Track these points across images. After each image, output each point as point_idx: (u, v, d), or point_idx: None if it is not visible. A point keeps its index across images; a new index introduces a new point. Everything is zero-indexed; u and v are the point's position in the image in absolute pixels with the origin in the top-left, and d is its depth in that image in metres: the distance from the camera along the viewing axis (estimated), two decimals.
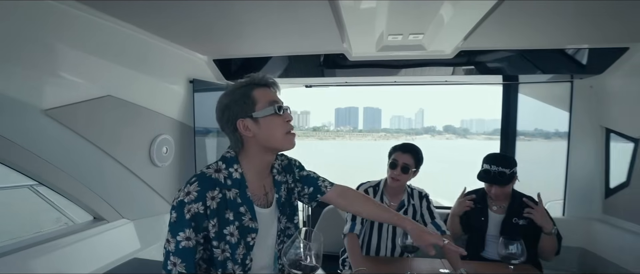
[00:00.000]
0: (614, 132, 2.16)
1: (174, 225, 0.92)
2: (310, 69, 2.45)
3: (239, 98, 0.99)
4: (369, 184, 1.93)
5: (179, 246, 0.91)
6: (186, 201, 0.91)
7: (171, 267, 0.91)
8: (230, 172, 0.99)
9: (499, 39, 1.81)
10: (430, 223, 1.83)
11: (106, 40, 1.54)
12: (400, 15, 1.61)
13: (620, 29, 1.67)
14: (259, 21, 1.60)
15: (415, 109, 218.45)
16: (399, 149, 1.82)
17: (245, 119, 0.98)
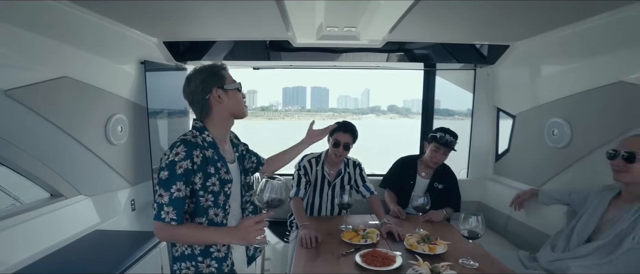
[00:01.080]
0: (501, 110, 2.76)
1: (166, 181, 1.11)
2: (257, 52, 2.63)
3: (213, 74, 1.23)
4: (312, 156, 2.22)
5: (172, 197, 1.10)
6: (177, 160, 1.11)
7: (164, 215, 1.10)
8: (204, 137, 1.23)
9: (417, 33, 2.20)
10: (362, 185, 2.21)
11: (62, 23, 1.60)
12: (336, 11, 1.90)
13: (504, 31, 2.15)
14: (207, 7, 1.74)
15: (361, 89, 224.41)
16: (340, 130, 2.07)
17: (219, 89, 1.22)
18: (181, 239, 1.20)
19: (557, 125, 2.11)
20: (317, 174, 2.19)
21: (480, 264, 1.49)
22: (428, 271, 1.32)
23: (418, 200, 1.90)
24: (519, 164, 2.60)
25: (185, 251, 1.24)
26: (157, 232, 1.15)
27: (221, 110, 1.25)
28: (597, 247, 1.47)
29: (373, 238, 1.72)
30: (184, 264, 1.24)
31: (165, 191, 1.11)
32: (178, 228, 1.13)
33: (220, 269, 1.25)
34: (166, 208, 1.11)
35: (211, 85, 1.22)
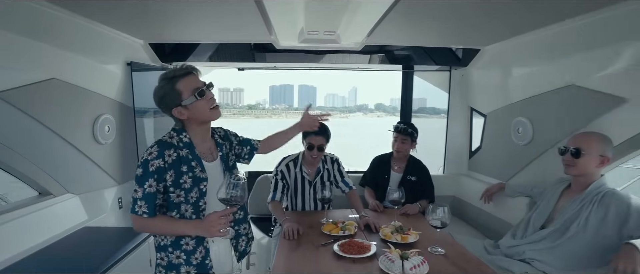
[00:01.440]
0: (474, 110, 2.93)
1: (140, 177, 1.22)
2: (242, 53, 2.72)
3: (168, 92, 1.24)
4: (289, 158, 2.27)
5: (145, 192, 1.21)
6: (149, 158, 1.22)
7: (138, 209, 1.22)
8: (181, 138, 1.31)
9: (394, 37, 2.33)
10: (341, 181, 2.32)
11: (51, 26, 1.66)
12: (315, 17, 2.01)
13: (476, 36, 2.31)
14: (191, 11, 1.81)
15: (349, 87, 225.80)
16: (312, 133, 2.07)
17: (177, 107, 1.25)
18: (153, 230, 1.31)
19: (522, 124, 2.29)
20: (296, 176, 2.25)
21: (446, 251, 1.63)
22: (398, 257, 1.45)
23: (393, 194, 2.04)
24: (489, 160, 2.78)
25: (161, 242, 1.34)
26: (134, 223, 1.26)
27: (188, 121, 1.31)
28: (548, 233, 1.63)
29: (351, 230, 1.85)
30: (159, 255, 1.36)
31: (139, 187, 1.22)
32: (151, 220, 1.24)
33: (188, 261, 1.34)
34: (139, 202, 1.22)
35: (170, 106, 1.26)
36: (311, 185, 2.29)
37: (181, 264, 1.34)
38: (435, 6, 1.69)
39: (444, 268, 1.49)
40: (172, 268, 1.34)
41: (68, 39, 1.80)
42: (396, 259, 1.44)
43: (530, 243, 1.67)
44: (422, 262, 1.43)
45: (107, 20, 1.95)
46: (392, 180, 2.58)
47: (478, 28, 2.11)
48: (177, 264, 1.34)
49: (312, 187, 2.30)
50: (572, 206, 1.60)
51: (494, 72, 2.61)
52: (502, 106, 2.54)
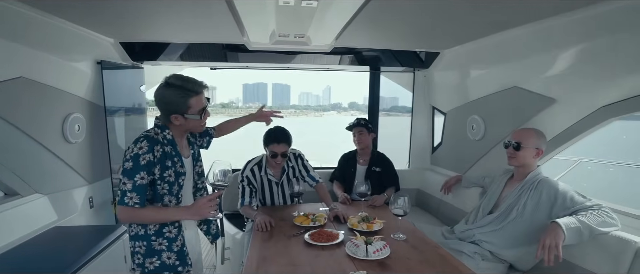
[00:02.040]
0: (436, 108, 3.16)
1: (130, 170, 1.28)
2: (213, 53, 2.77)
3: (177, 100, 1.33)
4: (254, 162, 2.27)
5: (136, 184, 1.28)
6: (140, 153, 1.29)
7: (128, 200, 1.28)
8: (164, 135, 1.40)
9: (360, 40, 2.49)
10: (307, 175, 2.39)
11: (18, 24, 1.65)
12: (286, 21, 2.11)
13: (437, 40, 2.51)
14: (163, 11, 1.85)
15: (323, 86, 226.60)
16: (274, 141, 2.13)
17: (179, 116, 1.36)
18: (144, 219, 1.36)
19: (475, 121, 2.52)
20: (262, 179, 2.27)
21: (407, 237, 1.80)
22: (363, 242, 1.60)
23: (360, 187, 2.19)
24: (449, 155, 3.02)
25: (140, 231, 1.40)
26: (120, 214, 1.32)
27: (177, 127, 1.41)
28: (494, 218, 1.85)
29: (321, 221, 1.97)
30: (137, 243, 1.41)
31: (128, 180, 1.28)
32: (141, 210, 1.32)
33: (170, 247, 1.43)
34: (129, 194, 1.28)
35: (172, 110, 1.35)
36: (278, 185, 2.33)
37: (163, 250, 1.42)
38: (399, 12, 1.85)
39: (405, 251, 1.65)
40: (154, 254, 1.41)
41: (36, 37, 1.79)
42: (361, 244, 1.58)
43: (479, 227, 1.89)
44: (384, 246, 1.58)
45: (76, 19, 1.94)
46: (358, 172, 2.76)
47: (438, 33, 2.30)
48: (158, 250, 1.42)
49: (280, 186, 2.34)
50: (514, 193, 1.82)
51: (453, 73, 2.83)
52: (459, 105, 2.77)
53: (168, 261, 1.43)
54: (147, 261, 1.41)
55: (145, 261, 1.41)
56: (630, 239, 1.47)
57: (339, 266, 1.49)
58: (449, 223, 2.60)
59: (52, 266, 1.62)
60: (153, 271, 1.41)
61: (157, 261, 1.41)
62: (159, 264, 1.42)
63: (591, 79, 1.71)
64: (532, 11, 1.69)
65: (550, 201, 1.69)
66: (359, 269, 1.44)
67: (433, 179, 3.09)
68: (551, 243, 1.44)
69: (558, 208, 1.65)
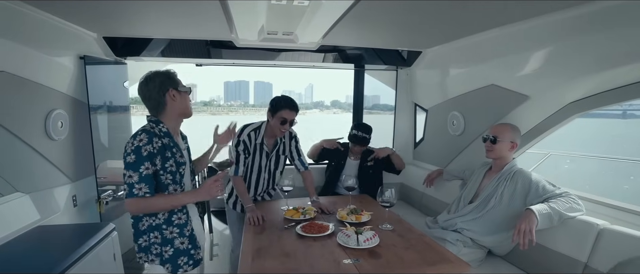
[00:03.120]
0: (418, 105, 3.29)
1: (134, 163, 1.33)
2: (197, 49, 2.76)
3: (170, 78, 1.45)
4: (251, 128, 2.21)
5: (142, 175, 1.33)
6: (141, 145, 1.34)
7: (137, 191, 1.33)
8: (160, 128, 1.44)
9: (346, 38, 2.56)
10: (298, 159, 2.40)
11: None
12: (276, 18, 2.15)
13: (419, 39, 2.62)
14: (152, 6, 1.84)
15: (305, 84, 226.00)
16: (287, 108, 2.11)
17: (174, 90, 1.44)
18: (155, 207, 1.41)
19: (456, 117, 2.66)
20: (256, 146, 2.24)
21: (394, 227, 1.90)
22: (353, 232, 1.67)
23: (348, 181, 2.27)
24: (431, 150, 3.15)
25: (153, 223, 1.45)
26: (131, 206, 1.36)
27: (173, 108, 1.47)
28: (474, 207, 1.98)
29: (311, 214, 2.04)
30: (152, 234, 1.45)
31: (134, 172, 1.33)
32: (151, 199, 1.37)
33: (182, 233, 1.50)
34: (137, 186, 1.33)
35: (168, 86, 1.44)
36: (268, 158, 2.29)
37: (175, 238, 1.48)
38: (384, 13, 1.93)
39: (392, 239, 1.74)
40: (167, 243, 1.47)
41: (17, 30, 1.73)
42: (352, 234, 1.66)
43: (461, 216, 2.01)
44: (374, 235, 1.66)
45: (58, 12, 1.90)
46: (348, 166, 2.84)
47: (420, 33, 2.41)
48: (170, 239, 1.47)
49: (269, 160, 2.30)
50: (492, 184, 1.96)
51: (434, 72, 2.96)
52: (440, 102, 2.91)
53: (182, 247, 1.50)
54: (164, 250, 1.47)
55: (163, 250, 1.46)
56: (593, 222, 1.63)
57: (331, 255, 1.56)
58: (432, 214, 2.72)
59: (38, 267, 1.55)
60: (170, 258, 1.47)
61: (171, 249, 1.48)
62: (173, 252, 1.48)
63: (560, 78, 1.86)
64: (507, 14, 1.82)
65: (524, 190, 1.83)
66: (350, 258, 1.52)
67: (415, 173, 3.21)
68: (526, 228, 1.57)
69: (531, 196, 1.79)
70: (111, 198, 2.48)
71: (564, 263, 1.66)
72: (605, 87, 1.76)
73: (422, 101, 3.21)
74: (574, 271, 1.62)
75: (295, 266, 1.46)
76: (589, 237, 1.60)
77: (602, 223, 1.61)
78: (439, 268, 1.47)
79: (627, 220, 1.69)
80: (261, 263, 1.48)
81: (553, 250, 1.74)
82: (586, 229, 1.63)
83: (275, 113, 2.14)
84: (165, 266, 1.48)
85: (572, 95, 1.89)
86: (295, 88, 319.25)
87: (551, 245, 1.75)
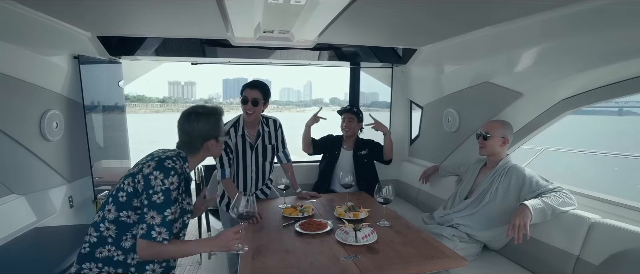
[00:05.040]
0: (413, 102, 3.32)
1: (161, 205, 1.22)
2: (191, 48, 2.74)
3: (216, 124, 1.40)
4: (230, 123, 2.19)
5: (166, 220, 1.23)
6: (172, 188, 1.24)
7: (156, 236, 1.22)
8: (184, 168, 1.35)
9: (342, 37, 2.57)
10: (282, 151, 2.40)
11: None
12: (273, 17, 2.15)
13: (414, 37, 2.64)
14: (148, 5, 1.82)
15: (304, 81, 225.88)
16: (248, 86, 2.10)
17: (214, 140, 1.40)
18: (167, 254, 1.30)
19: (451, 114, 2.69)
20: (238, 140, 2.20)
21: (392, 223, 1.92)
22: (352, 229, 1.69)
23: (345, 178, 2.29)
24: (426, 147, 3.18)
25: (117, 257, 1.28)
26: (144, 250, 1.24)
27: (205, 155, 1.43)
28: (470, 202, 2.02)
29: (309, 211, 2.05)
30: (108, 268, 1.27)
31: (157, 213, 1.22)
32: (167, 246, 1.25)
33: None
34: (158, 229, 1.22)
35: (213, 135, 1.39)
36: (252, 149, 2.24)
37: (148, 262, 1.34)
38: (379, 11, 1.95)
39: (390, 235, 1.76)
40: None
41: (9, 30, 1.72)
42: (350, 231, 1.68)
43: (457, 211, 2.05)
44: (372, 232, 1.69)
45: (52, 11, 1.88)
46: (342, 156, 2.85)
47: (415, 31, 2.43)
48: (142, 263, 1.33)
49: (254, 151, 2.25)
50: (487, 179, 1.99)
51: (429, 69, 2.99)
52: (435, 99, 2.93)
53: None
54: None
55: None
56: (585, 216, 1.67)
57: (330, 251, 1.58)
58: (428, 210, 2.76)
59: (35, 269, 1.56)
60: None
61: None
62: None
63: (552, 75, 1.89)
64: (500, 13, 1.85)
65: (518, 185, 1.87)
66: (349, 254, 1.54)
67: (411, 169, 3.24)
68: (520, 223, 1.61)
69: (525, 191, 1.83)
70: None
71: (557, 256, 1.70)
72: (596, 84, 1.80)
73: (417, 98, 3.24)
74: (566, 264, 1.66)
75: (296, 263, 1.47)
76: (581, 231, 1.64)
77: (594, 217, 1.65)
78: (436, 263, 1.49)
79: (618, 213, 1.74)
80: (262, 261, 1.50)
81: (546, 244, 1.78)
82: (578, 223, 1.67)
83: (240, 95, 2.15)
84: None
85: (564, 92, 1.93)
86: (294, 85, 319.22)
87: (544, 239, 1.79)
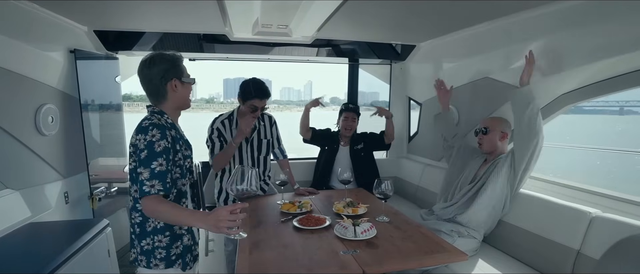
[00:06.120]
0: (412, 99, 3.31)
1: (146, 159, 1.21)
2: (189, 43, 2.72)
3: (175, 65, 1.34)
4: (224, 116, 2.24)
5: (154, 171, 1.21)
6: (154, 140, 1.23)
7: (149, 189, 1.20)
8: (165, 119, 1.35)
9: (341, 32, 2.55)
10: (278, 147, 2.42)
11: None
12: (271, 11, 2.13)
13: (413, 34, 2.63)
14: None
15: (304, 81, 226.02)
16: (255, 97, 2.11)
17: (177, 80, 1.33)
18: (162, 215, 1.26)
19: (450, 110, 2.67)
20: (232, 133, 2.21)
21: (391, 219, 1.91)
22: (350, 224, 1.68)
23: (344, 174, 2.27)
24: (425, 144, 3.17)
25: (161, 223, 1.33)
26: (148, 206, 1.24)
27: (174, 99, 1.37)
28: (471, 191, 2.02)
29: (307, 207, 2.04)
30: (160, 236, 1.33)
31: (144, 168, 1.22)
32: (164, 204, 1.23)
33: (188, 229, 1.42)
34: (148, 182, 1.21)
35: (172, 74, 1.33)
36: (248, 142, 2.26)
37: (183, 234, 1.39)
38: (378, 7, 1.93)
39: (389, 231, 1.75)
40: (177, 239, 1.37)
41: (5, 22, 1.69)
42: (349, 226, 1.66)
43: (456, 202, 2.04)
44: (371, 227, 1.67)
45: (48, 4, 1.85)
46: (340, 153, 2.85)
47: (414, 27, 2.42)
48: (180, 235, 1.38)
49: (249, 145, 2.28)
50: (488, 170, 1.99)
51: (428, 65, 2.98)
52: (434, 96, 2.91)
53: (188, 243, 1.42)
54: (171, 250, 1.36)
55: (170, 251, 1.36)
56: (585, 210, 1.67)
57: (329, 246, 1.56)
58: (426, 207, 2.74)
59: (29, 264, 1.51)
60: (176, 258, 1.38)
61: (181, 246, 1.39)
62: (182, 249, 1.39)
63: (552, 69, 1.89)
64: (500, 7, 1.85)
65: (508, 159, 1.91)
66: (348, 249, 1.52)
67: (410, 166, 3.24)
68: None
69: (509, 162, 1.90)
70: (104, 195, 2.44)
71: (558, 250, 1.70)
72: (597, 78, 1.80)
73: (416, 95, 3.23)
74: (567, 258, 1.65)
75: (294, 258, 1.46)
76: (582, 225, 1.63)
77: (594, 211, 1.64)
78: (436, 257, 1.48)
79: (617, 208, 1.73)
80: (260, 255, 1.48)
81: (546, 239, 1.77)
82: (578, 217, 1.66)
83: (245, 101, 2.14)
84: (177, 263, 1.37)
85: (565, 86, 1.92)
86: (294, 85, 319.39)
87: (544, 234, 1.78)
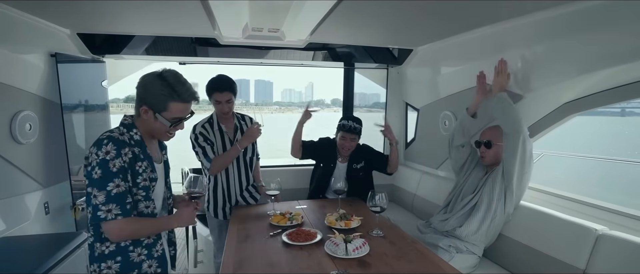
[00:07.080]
0: (409, 104, 3.21)
1: (100, 180, 1.11)
2: (182, 47, 2.62)
3: (160, 95, 1.19)
4: (202, 122, 2.17)
5: (111, 194, 1.11)
6: (108, 158, 1.12)
7: (104, 215, 1.11)
8: (131, 135, 1.24)
9: (334, 36, 2.47)
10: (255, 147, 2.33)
11: None
12: (260, 14, 2.04)
13: (409, 38, 2.54)
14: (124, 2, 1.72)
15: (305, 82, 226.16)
16: (216, 90, 2.05)
17: (149, 110, 1.21)
18: (137, 232, 1.22)
19: (447, 117, 2.59)
20: (216, 135, 2.16)
21: (385, 233, 1.81)
22: (342, 241, 1.58)
23: (337, 184, 2.17)
24: (422, 150, 3.08)
25: (108, 248, 1.21)
26: (110, 233, 1.16)
27: (144, 124, 1.26)
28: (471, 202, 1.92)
29: (298, 220, 1.94)
30: (105, 265, 1.21)
31: (99, 190, 1.12)
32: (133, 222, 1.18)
33: (150, 255, 1.28)
34: (103, 207, 1.12)
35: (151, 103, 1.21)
36: (232, 144, 2.20)
37: (143, 261, 1.27)
38: (373, 9, 1.85)
39: (383, 247, 1.65)
40: (133, 268, 1.25)
41: None
42: (340, 243, 1.57)
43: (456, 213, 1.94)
44: (363, 244, 1.57)
45: (26, 6, 1.76)
46: (338, 169, 2.58)
47: (411, 30, 2.33)
48: (138, 262, 1.26)
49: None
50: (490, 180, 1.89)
51: (425, 70, 2.89)
52: (432, 101, 2.84)
53: (149, 270, 1.29)
54: None
55: None
56: (591, 227, 1.57)
57: (318, 265, 1.46)
58: (423, 216, 2.65)
59: None
60: None
61: None
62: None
63: (555, 77, 1.80)
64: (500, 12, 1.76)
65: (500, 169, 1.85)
66: (339, 268, 1.42)
67: (407, 174, 3.14)
68: None
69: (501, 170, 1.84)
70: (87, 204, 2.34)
71: (561, 269, 1.60)
72: (601, 87, 1.71)
73: (413, 100, 3.14)
74: None
75: None
76: (587, 243, 1.53)
77: (601, 228, 1.55)
78: None
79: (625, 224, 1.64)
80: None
81: (549, 256, 1.67)
82: (584, 235, 1.56)
83: (209, 97, 2.11)
84: None
85: (568, 95, 1.83)
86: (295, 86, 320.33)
87: (547, 251, 1.69)
